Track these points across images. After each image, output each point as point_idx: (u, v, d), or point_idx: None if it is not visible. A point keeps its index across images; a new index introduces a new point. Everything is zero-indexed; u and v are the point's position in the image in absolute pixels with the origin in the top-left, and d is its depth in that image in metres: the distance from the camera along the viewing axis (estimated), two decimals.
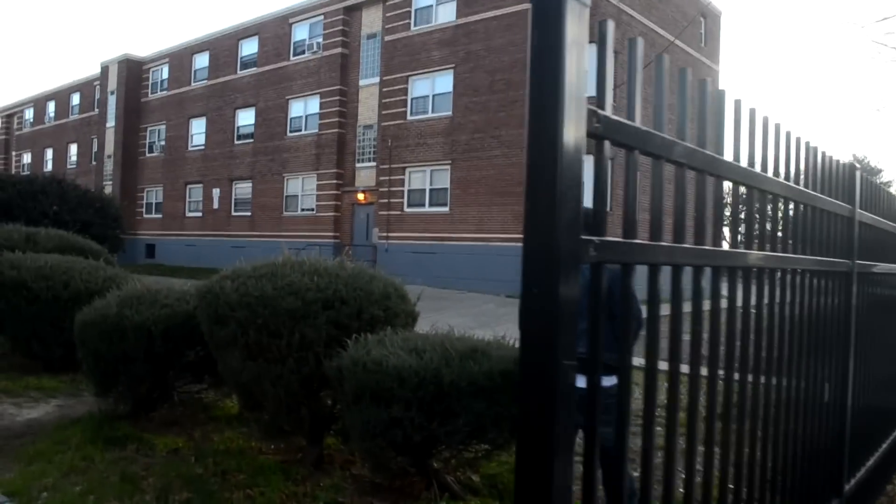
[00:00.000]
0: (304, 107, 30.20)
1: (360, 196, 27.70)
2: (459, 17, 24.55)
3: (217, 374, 5.63)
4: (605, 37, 1.58)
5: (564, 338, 1.39)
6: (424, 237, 24.71)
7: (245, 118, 32.91)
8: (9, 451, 5.28)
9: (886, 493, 5.08)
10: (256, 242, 27.91)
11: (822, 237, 3.27)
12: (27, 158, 48.78)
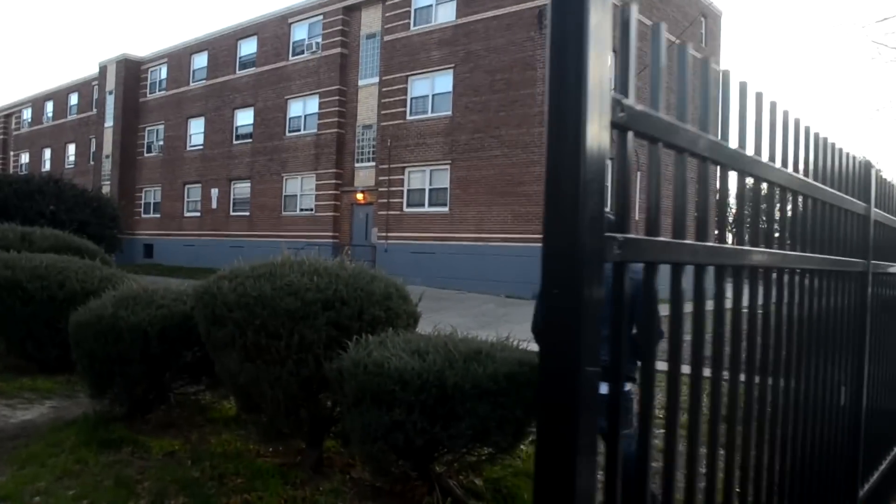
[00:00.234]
0: (303, 107, 30.09)
1: (360, 196, 27.60)
2: (459, 17, 24.46)
3: (214, 376, 5.52)
4: (629, 21, 1.49)
5: (588, 341, 1.29)
6: (424, 237, 24.61)
7: (244, 118, 32.79)
8: (2, 454, 5.18)
9: None
10: (255, 242, 27.79)
11: (839, 236, 3.18)
12: (25, 158, 48.63)
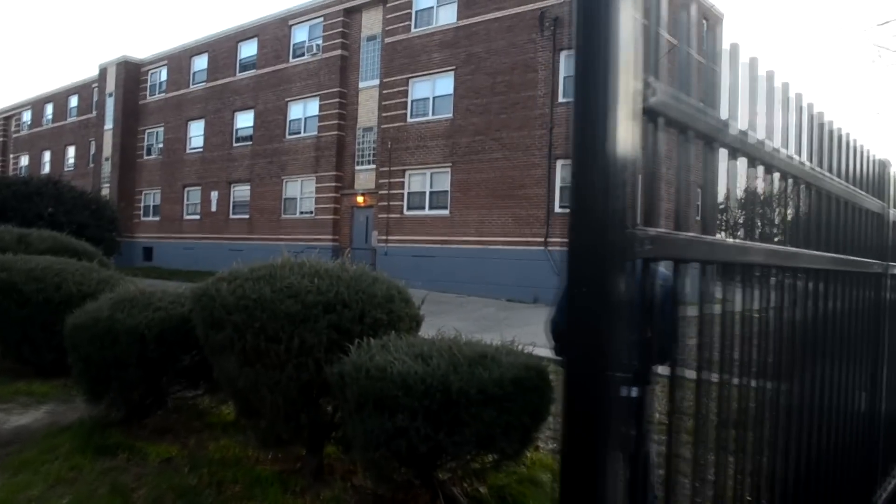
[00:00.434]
0: (304, 109, 29.99)
1: (360, 199, 27.49)
2: (460, 19, 24.37)
3: (213, 380, 5.41)
4: None
5: (617, 344, 1.18)
6: (424, 240, 24.49)
7: (244, 120, 32.70)
8: None
9: None
10: (255, 245, 27.69)
11: (857, 235, 3.07)
12: (24, 161, 48.51)
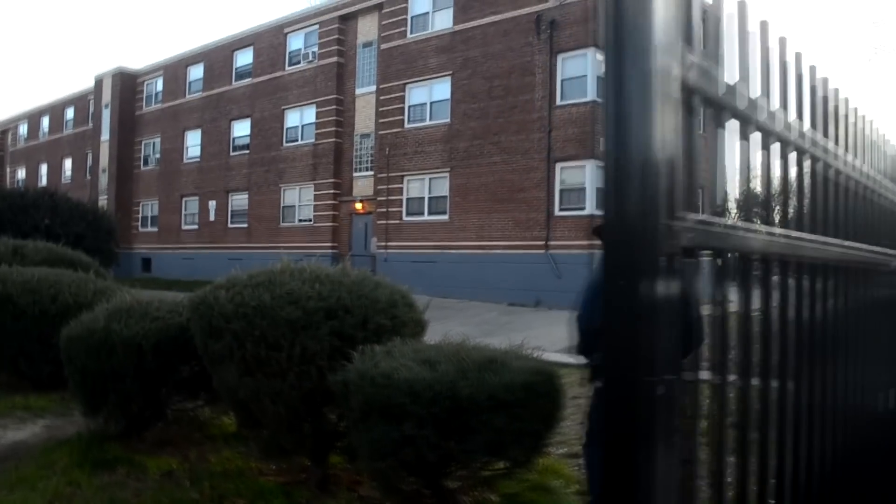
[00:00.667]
0: (300, 117, 29.87)
1: (358, 206, 27.35)
2: (456, 24, 24.28)
3: (213, 391, 5.27)
4: None
5: (657, 340, 1.06)
6: (424, 246, 24.35)
7: (240, 129, 32.59)
8: None
9: None
10: (253, 254, 27.44)
11: (888, 228, 2.94)
12: (21, 174, 48.34)
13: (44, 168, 46.29)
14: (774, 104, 1.63)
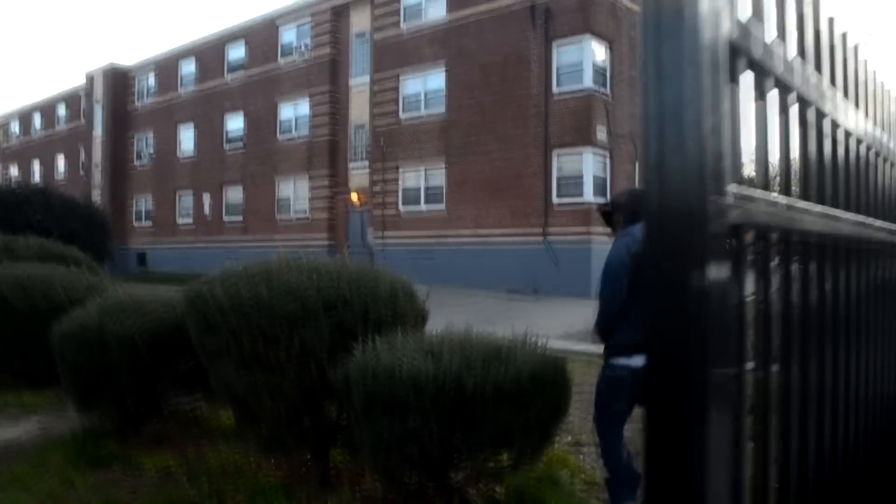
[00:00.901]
0: (294, 110, 29.66)
1: (354, 198, 27.16)
2: (450, 14, 24.09)
3: (210, 385, 5.14)
4: None
5: (712, 335, 0.93)
6: (421, 237, 24.20)
7: (234, 123, 32.36)
8: None
9: None
10: (249, 248, 27.27)
11: None
12: (14, 172, 48.05)
13: (37, 165, 46.03)
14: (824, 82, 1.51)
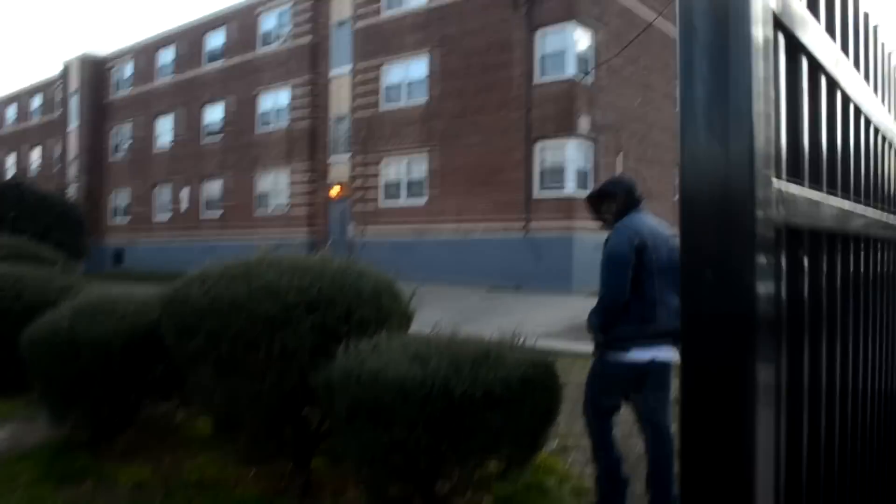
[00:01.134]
0: (275, 99, 29.22)
1: (335, 190, 26.82)
2: (432, 1, 23.77)
3: (187, 391, 4.95)
4: None
5: (760, 348, 0.77)
6: (402, 231, 23.93)
7: (213, 114, 31.87)
8: None
9: None
10: (228, 243, 26.85)
11: None
12: None
13: (11, 159, 45.19)
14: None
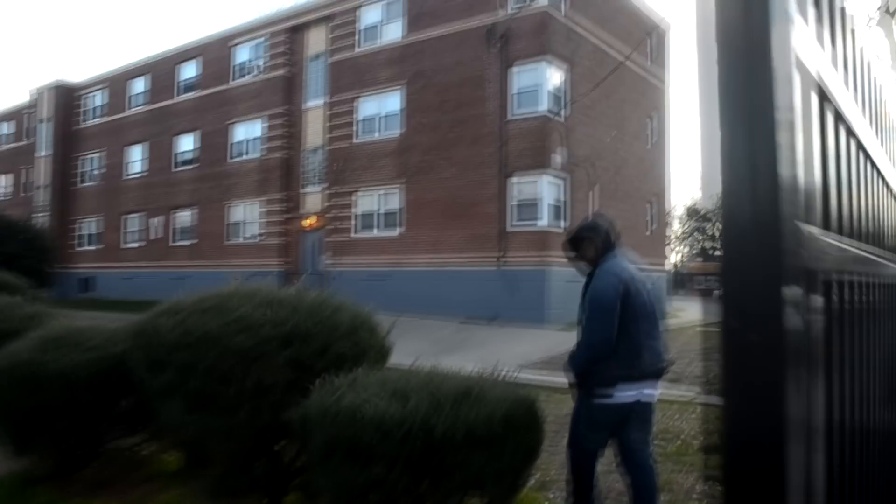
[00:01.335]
0: (248, 130, 29.12)
1: (308, 221, 26.67)
2: (407, 36, 23.97)
3: (154, 425, 4.79)
4: None
5: (792, 402, 0.72)
6: (376, 262, 23.83)
7: (185, 144, 31.65)
8: None
9: None
10: (199, 273, 26.51)
11: None
12: None
13: None
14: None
